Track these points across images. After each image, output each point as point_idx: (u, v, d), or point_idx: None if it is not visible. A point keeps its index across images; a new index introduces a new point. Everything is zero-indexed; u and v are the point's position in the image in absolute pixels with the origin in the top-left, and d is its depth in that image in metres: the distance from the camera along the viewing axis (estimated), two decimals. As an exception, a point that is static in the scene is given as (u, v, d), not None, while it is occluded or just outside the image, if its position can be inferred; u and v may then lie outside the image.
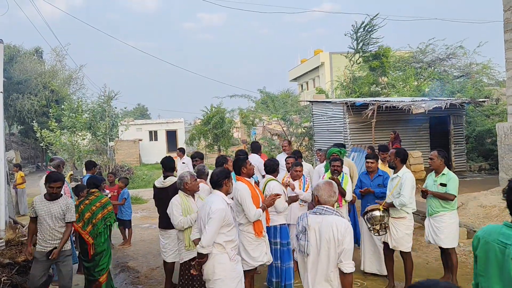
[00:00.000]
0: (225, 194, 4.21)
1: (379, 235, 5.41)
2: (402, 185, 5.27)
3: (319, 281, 3.26)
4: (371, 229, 5.37)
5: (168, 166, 5.82)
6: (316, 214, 3.31)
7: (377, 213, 5.24)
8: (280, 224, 5.38)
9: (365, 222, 5.55)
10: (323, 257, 3.22)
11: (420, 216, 7.94)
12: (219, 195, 4.16)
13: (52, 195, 4.91)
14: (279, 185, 5.45)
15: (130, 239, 8.53)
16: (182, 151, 11.58)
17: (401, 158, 5.44)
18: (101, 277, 5.44)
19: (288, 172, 6.28)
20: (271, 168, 5.59)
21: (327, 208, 3.29)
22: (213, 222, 3.91)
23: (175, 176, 5.79)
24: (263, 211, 4.92)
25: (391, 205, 5.31)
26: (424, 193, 5.58)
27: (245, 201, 4.77)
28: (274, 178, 5.54)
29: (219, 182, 4.16)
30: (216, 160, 6.40)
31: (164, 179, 5.75)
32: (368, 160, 6.11)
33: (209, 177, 4.77)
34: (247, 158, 5.37)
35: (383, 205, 5.34)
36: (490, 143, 15.50)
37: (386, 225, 5.27)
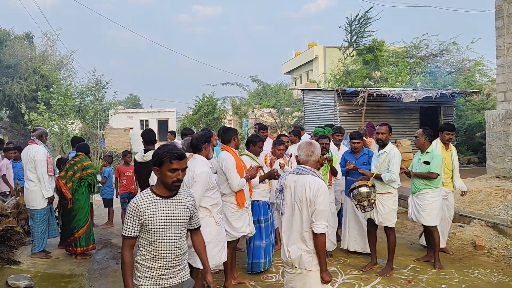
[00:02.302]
0: (205, 158, 4.14)
1: (365, 211, 5.33)
2: (391, 160, 5.24)
3: (294, 240, 3.20)
4: (358, 206, 5.29)
5: (147, 138, 5.64)
6: (294, 173, 3.27)
7: (364, 189, 5.15)
8: (253, 200, 5.26)
9: (351, 199, 5.47)
10: (296, 216, 3.17)
11: (406, 202, 7.93)
12: (200, 159, 4.09)
13: (176, 185, 2.74)
14: (250, 160, 5.29)
15: (112, 219, 8.42)
16: (173, 133, 11.45)
17: (391, 133, 5.42)
18: (77, 233, 6.07)
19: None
20: (247, 142, 5.51)
21: (304, 167, 3.24)
22: (199, 185, 3.86)
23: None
24: (246, 181, 4.85)
25: (379, 177, 5.25)
26: (407, 174, 5.59)
27: (229, 170, 4.70)
28: (248, 153, 5.39)
29: (199, 146, 4.10)
30: (202, 130, 6.32)
31: (144, 153, 5.61)
32: (353, 140, 6.03)
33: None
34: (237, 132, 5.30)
35: (371, 180, 5.26)
36: (480, 136, 15.56)
37: (373, 201, 5.21)
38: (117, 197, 8.05)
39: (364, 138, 7.99)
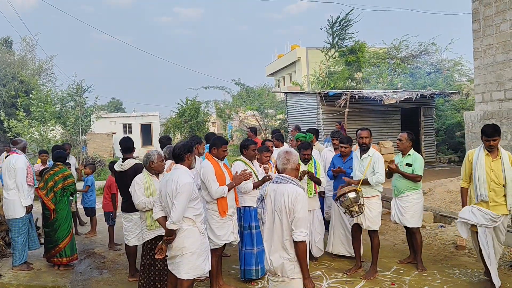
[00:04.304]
0: (188, 168, 4.13)
1: (353, 217, 5.32)
2: (375, 163, 5.31)
3: (276, 249, 3.23)
4: (346, 212, 5.29)
5: (124, 146, 5.58)
6: (274, 182, 3.31)
7: (352, 194, 5.16)
8: (244, 206, 5.24)
9: (338, 206, 5.43)
10: (277, 225, 3.21)
11: (389, 203, 8.03)
12: (183, 169, 4.07)
13: None
14: (243, 165, 5.30)
15: (95, 228, 8.31)
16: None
17: (372, 136, 5.52)
18: (61, 243, 6.02)
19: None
20: (240, 147, 5.50)
21: (283, 176, 3.28)
22: (182, 196, 3.85)
23: (135, 158, 5.65)
24: (229, 190, 4.84)
25: (366, 182, 5.29)
26: (391, 171, 5.61)
27: (207, 178, 4.73)
28: (241, 158, 5.41)
29: (181, 156, 4.09)
30: (189, 138, 6.26)
31: (122, 161, 5.54)
32: (341, 145, 6.05)
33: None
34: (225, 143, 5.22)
35: (359, 185, 5.27)
36: (460, 136, 15.85)
37: (361, 205, 5.22)
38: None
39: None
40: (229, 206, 4.91)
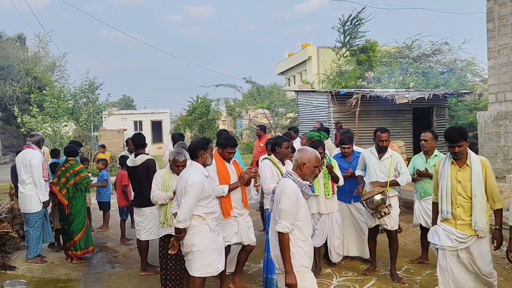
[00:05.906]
0: (202, 166, 4.11)
1: (381, 217, 5.20)
2: (399, 163, 5.27)
3: (273, 240, 3.32)
4: (375, 213, 5.16)
5: (137, 143, 5.62)
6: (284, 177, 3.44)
7: (382, 195, 5.06)
8: (267, 209, 5.06)
9: (366, 207, 5.25)
10: (274, 217, 3.30)
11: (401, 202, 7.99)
12: (196, 166, 4.06)
13: None
14: (270, 164, 5.09)
15: (108, 222, 8.41)
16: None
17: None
18: (76, 237, 6.15)
19: None
20: (272, 145, 5.29)
21: (287, 172, 3.39)
22: (190, 196, 3.83)
23: (147, 154, 5.70)
24: (231, 190, 4.67)
25: (396, 183, 5.24)
26: (420, 176, 5.47)
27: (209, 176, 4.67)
28: (270, 158, 5.21)
29: (195, 153, 4.06)
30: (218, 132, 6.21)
31: (135, 157, 5.56)
32: (343, 146, 5.93)
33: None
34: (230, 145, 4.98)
35: (388, 187, 5.19)
36: (472, 136, 15.67)
37: (389, 205, 5.12)
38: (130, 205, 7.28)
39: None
40: (233, 207, 4.74)
